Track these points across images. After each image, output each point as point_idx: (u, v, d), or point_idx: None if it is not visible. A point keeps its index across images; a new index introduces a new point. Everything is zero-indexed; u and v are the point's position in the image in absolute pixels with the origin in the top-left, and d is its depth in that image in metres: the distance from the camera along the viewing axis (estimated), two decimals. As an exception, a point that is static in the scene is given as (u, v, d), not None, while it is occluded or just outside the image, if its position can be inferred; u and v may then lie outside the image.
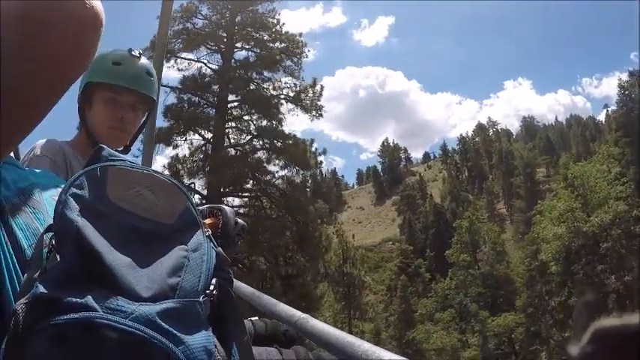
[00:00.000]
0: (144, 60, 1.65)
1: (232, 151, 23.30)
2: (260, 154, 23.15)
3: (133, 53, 1.61)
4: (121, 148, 1.69)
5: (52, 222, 0.58)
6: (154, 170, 0.66)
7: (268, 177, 23.17)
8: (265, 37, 24.11)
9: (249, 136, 23.60)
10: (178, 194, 0.65)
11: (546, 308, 35.49)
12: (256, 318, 1.39)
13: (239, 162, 22.54)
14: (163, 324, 0.49)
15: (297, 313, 1.23)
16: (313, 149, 24.85)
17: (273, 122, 23.55)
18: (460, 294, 43.17)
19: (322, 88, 25.20)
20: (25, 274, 0.55)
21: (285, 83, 24.65)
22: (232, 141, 23.56)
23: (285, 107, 24.08)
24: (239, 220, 1.05)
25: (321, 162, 26.21)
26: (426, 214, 77.95)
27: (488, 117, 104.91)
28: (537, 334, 35.47)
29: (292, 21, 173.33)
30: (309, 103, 24.48)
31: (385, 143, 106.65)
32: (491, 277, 42.36)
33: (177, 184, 0.66)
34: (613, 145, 40.02)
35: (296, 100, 24.26)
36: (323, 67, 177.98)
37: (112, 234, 0.54)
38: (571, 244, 32.68)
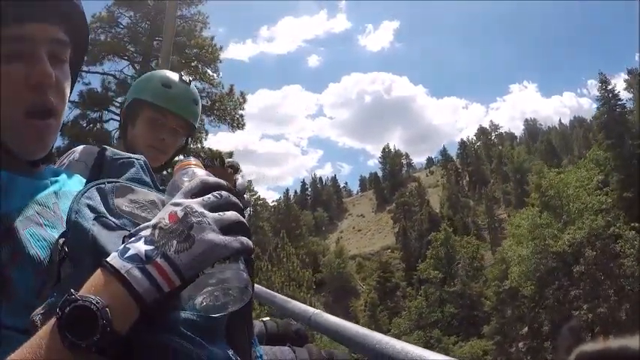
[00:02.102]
0: (192, 87, 1.60)
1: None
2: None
3: (184, 78, 1.56)
4: (156, 167, 1.55)
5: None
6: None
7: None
8: (181, 43, 20.78)
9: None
10: None
11: (516, 336, 29.75)
12: (268, 318, 1.42)
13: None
14: (185, 331, 0.49)
15: (310, 309, 1.22)
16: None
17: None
18: (436, 312, 37.75)
19: (243, 96, 21.43)
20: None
21: (199, 93, 21.09)
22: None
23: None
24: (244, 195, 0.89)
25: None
26: (421, 221, 72.10)
27: (491, 120, 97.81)
28: (508, 365, 29.79)
29: (296, 28, 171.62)
30: (226, 113, 20.79)
31: (386, 149, 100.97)
32: (465, 296, 36.77)
33: None
34: (598, 149, 33.73)
35: (210, 110, 20.55)
36: (328, 73, 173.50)
37: None
38: (539, 266, 26.95)
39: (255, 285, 1.68)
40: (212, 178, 0.57)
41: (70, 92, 0.73)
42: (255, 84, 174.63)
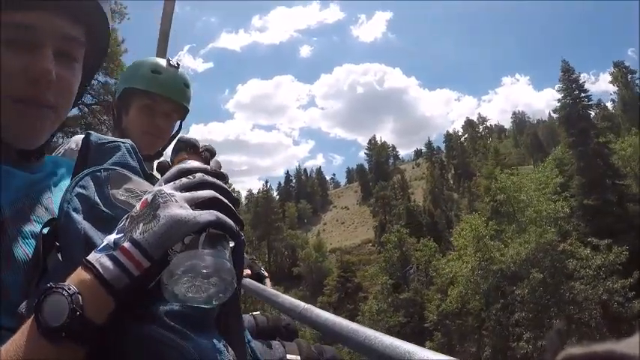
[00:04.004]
0: (182, 71, 1.55)
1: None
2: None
3: (172, 63, 1.51)
4: (153, 154, 1.55)
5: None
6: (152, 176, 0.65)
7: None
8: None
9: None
10: None
11: (459, 357, 25.19)
12: (258, 312, 1.39)
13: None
14: (171, 322, 0.47)
15: (300, 304, 1.16)
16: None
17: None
18: (391, 319, 33.28)
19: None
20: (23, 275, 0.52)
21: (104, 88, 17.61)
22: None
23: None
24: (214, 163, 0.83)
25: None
26: (399, 215, 67.26)
27: (478, 113, 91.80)
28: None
29: (289, 18, 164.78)
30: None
31: (372, 141, 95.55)
32: (417, 304, 32.19)
33: None
34: (565, 147, 28.37)
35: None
36: (320, 64, 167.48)
37: None
38: (479, 285, 22.24)
39: (247, 279, 1.66)
40: (191, 164, 0.53)
41: (81, 94, 0.68)
42: (246, 74, 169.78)
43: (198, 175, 0.51)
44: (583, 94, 27.86)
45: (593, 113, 29.08)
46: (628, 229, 24.41)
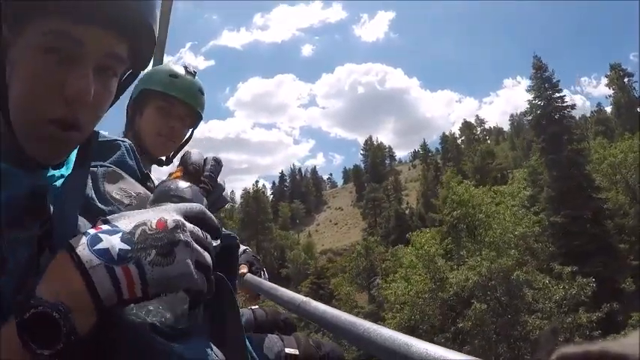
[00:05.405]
0: (197, 78, 1.56)
1: None
2: None
3: (189, 69, 1.52)
4: (164, 158, 1.55)
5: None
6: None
7: None
8: None
9: None
10: None
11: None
12: (257, 306, 1.39)
13: None
14: (161, 327, 0.46)
15: (299, 297, 1.16)
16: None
17: None
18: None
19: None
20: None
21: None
22: None
23: None
24: (208, 158, 0.84)
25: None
26: (388, 218, 63.65)
27: (476, 115, 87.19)
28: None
29: (291, 16, 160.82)
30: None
31: (369, 141, 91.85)
32: (379, 319, 28.87)
33: None
34: (537, 154, 24.49)
35: None
36: (322, 63, 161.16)
37: None
38: (424, 311, 18.84)
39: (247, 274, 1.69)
40: (212, 219, 0.51)
41: (111, 104, 0.65)
42: (247, 72, 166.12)
43: (209, 238, 0.48)
44: (557, 95, 23.94)
45: (577, 116, 25.16)
46: (607, 250, 20.62)
